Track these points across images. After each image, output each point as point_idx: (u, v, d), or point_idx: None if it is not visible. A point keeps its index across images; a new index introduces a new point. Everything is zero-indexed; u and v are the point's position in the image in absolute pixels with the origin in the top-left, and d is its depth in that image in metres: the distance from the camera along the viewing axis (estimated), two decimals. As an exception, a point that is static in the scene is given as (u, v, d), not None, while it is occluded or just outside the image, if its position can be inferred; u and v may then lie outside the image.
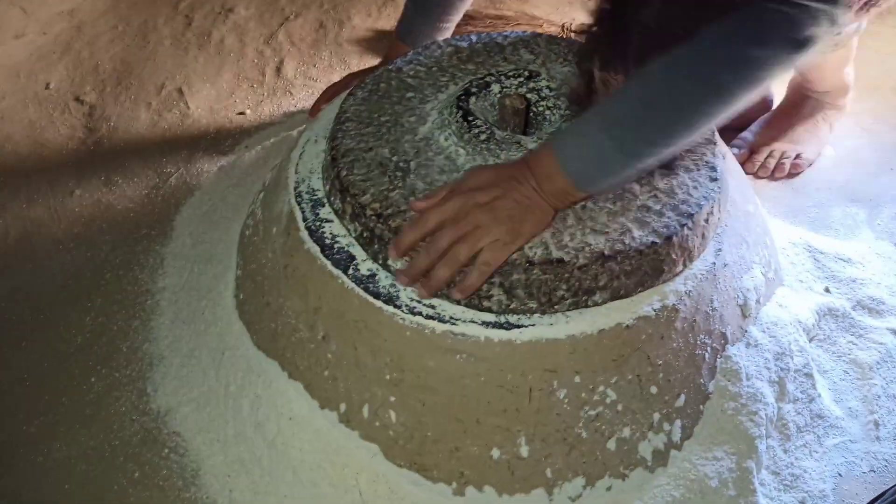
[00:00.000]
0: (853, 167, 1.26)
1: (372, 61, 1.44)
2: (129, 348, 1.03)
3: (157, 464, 0.89)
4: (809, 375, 0.90)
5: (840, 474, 0.86)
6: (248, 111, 1.46)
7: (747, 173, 1.18)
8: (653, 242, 0.79)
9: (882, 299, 1.02)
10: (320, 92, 1.23)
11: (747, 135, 1.27)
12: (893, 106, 1.38)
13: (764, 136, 1.25)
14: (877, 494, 0.70)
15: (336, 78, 1.35)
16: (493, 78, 0.97)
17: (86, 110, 1.48)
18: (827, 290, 1.02)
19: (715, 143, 0.91)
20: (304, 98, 1.49)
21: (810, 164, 1.25)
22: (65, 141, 1.41)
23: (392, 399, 0.83)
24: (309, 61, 1.58)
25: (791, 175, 1.24)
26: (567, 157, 0.75)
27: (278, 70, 1.55)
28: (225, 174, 1.33)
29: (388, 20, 1.66)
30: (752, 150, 1.25)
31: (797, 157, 1.23)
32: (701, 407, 0.84)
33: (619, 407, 0.81)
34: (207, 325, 1.02)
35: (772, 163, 1.23)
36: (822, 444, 0.87)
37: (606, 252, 0.78)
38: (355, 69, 1.46)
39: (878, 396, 0.92)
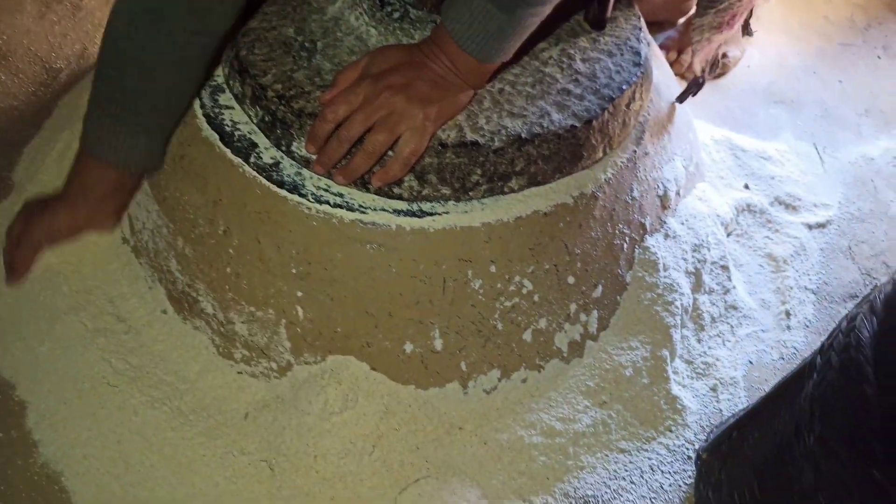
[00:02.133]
0: (778, 70, 1.26)
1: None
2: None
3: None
4: (725, 268, 0.90)
5: (751, 362, 0.87)
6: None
7: (676, 74, 1.15)
8: (572, 126, 0.75)
9: (798, 195, 1.03)
10: None
11: (673, 33, 1.24)
12: (820, 12, 1.37)
13: (689, 37, 1.22)
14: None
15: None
16: (409, -45, 0.90)
17: (-38, 0, 1.32)
18: (746, 186, 1.02)
19: (640, 29, 0.87)
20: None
21: (736, 63, 1.23)
22: (-63, 33, 1.26)
23: (299, 294, 0.78)
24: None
25: (718, 75, 1.22)
26: (458, 29, 0.70)
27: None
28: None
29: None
30: (679, 51, 1.22)
31: (723, 56, 1.21)
32: (618, 297, 0.83)
33: (536, 297, 0.79)
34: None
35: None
36: (735, 334, 0.88)
37: (523, 135, 0.74)
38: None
39: (791, 288, 0.94)
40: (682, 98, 0.90)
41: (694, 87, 0.89)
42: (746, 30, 1.03)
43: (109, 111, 0.79)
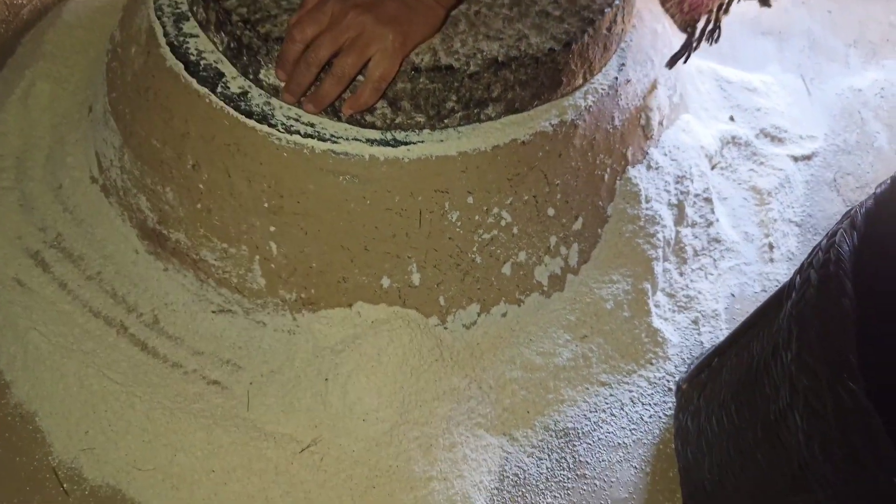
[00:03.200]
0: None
1: None
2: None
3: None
4: (709, 200, 0.88)
5: (733, 295, 0.86)
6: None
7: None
8: (550, 49, 0.72)
9: (784, 127, 1.01)
10: None
11: None
12: (811, -58, 1.33)
13: None
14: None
15: None
16: None
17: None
18: (731, 118, 1.00)
19: (623, -50, 0.83)
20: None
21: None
22: None
23: (272, 229, 0.76)
24: None
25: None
26: None
27: None
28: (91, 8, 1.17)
29: None
30: None
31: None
32: (599, 230, 0.82)
33: (515, 230, 0.77)
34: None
35: (684, -7, 1.16)
36: (718, 267, 0.87)
37: (500, 59, 0.71)
38: None
39: (775, 220, 0.92)
40: (671, 62, 0.85)
41: (684, 50, 0.84)
42: (763, 1, 0.97)
43: None
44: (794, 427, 0.47)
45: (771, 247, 0.90)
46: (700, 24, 0.89)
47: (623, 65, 0.81)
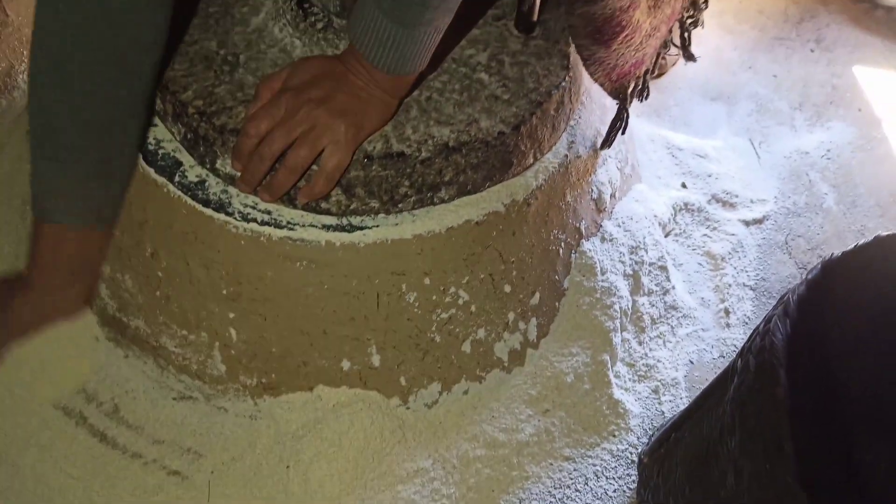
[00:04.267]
0: (714, 66, 1.27)
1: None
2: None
3: None
4: (664, 268, 0.90)
5: (692, 362, 0.88)
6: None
7: None
8: (500, 132, 0.75)
9: (735, 192, 1.04)
10: None
11: None
12: (755, 5, 1.39)
13: None
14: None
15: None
16: (334, -36, 0.88)
17: None
18: (684, 185, 1.03)
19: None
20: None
21: (674, 64, 1.24)
22: None
23: (231, 315, 0.76)
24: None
25: (658, 76, 1.22)
26: (364, 45, 0.68)
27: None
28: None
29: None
30: None
31: (661, 57, 1.21)
32: (556, 303, 0.83)
33: (473, 308, 0.78)
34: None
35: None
36: (676, 334, 0.89)
37: (451, 144, 0.73)
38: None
39: (729, 285, 0.94)
40: (608, 140, 0.87)
41: (618, 121, 0.86)
42: (689, 57, 1.00)
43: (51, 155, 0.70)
44: None
45: (727, 312, 0.92)
46: (630, 89, 0.92)
47: (573, 142, 0.84)
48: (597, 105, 0.90)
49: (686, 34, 0.94)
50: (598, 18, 0.78)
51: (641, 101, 0.91)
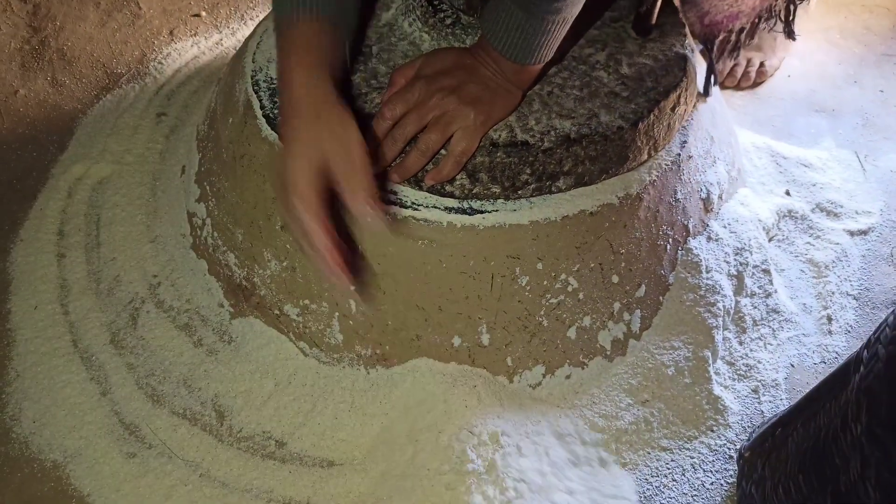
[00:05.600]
0: (818, 79, 1.26)
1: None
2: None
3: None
4: (767, 272, 0.91)
5: (793, 365, 0.88)
6: (203, 13, 1.40)
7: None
8: (619, 127, 0.78)
9: (840, 203, 1.03)
10: None
11: None
12: (861, 22, 1.38)
13: None
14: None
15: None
16: (460, -36, 0.93)
17: (29, 9, 1.39)
18: (787, 192, 1.03)
19: (685, 36, 0.89)
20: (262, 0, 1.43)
21: (775, 72, 1.24)
22: (6, 40, 1.33)
23: (352, 288, 0.81)
24: (270, -37, 1.50)
25: (756, 84, 1.23)
26: (494, 35, 0.72)
27: (237, -29, 1.48)
28: (183, 76, 1.28)
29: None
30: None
31: (761, 65, 1.22)
32: (661, 297, 0.85)
33: (581, 295, 0.81)
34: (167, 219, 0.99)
35: (738, 71, 1.22)
36: (777, 337, 0.89)
37: (572, 136, 0.76)
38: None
39: (832, 293, 0.94)
40: (705, 90, 0.89)
41: (709, 73, 0.89)
42: (789, 33, 1.01)
43: None
44: (865, 498, 0.49)
45: (829, 319, 0.92)
46: (719, 39, 0.93)
47: (685, 142, 0.86)
48: (707, 108, 0.92)
49: (791, 6, 0.95)
50: None
51: (731, 59, 0.93)
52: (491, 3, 0.74)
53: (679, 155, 0.84)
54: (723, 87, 1.22)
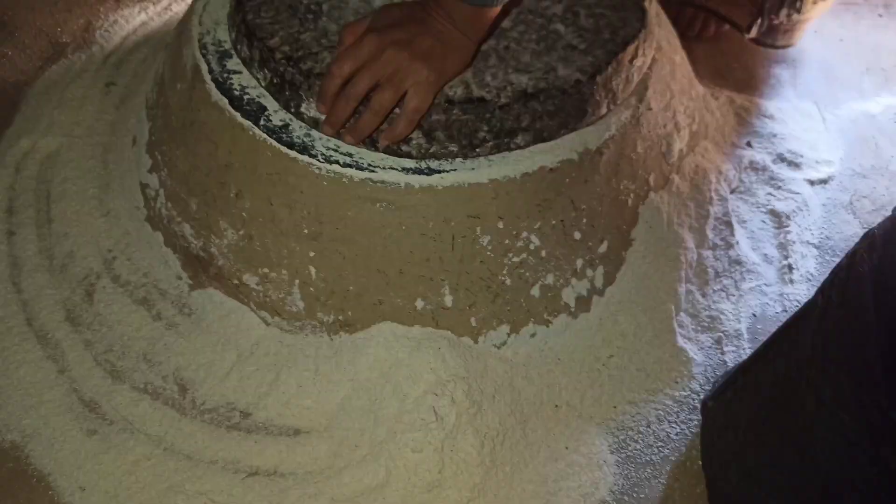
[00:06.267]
0: (779, 31, 1.26)
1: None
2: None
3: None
4: (729, 224, 0.91)
5: (755, 315, 0.89)
6: (152, -23, 1.34)
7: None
8: (577, 81, 0.76)
9: (801, 152, 1.04)
10: None
11: None
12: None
13: None
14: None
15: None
16: (411, -82, 0.90)
17: (-35, -23, 1.33)
18: (749, 144, 1.03)
19: (642, -13, 0.87)
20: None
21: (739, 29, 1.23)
22: (-58, 10, 1.27)
23: (311, 254, 0.80)
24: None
25: (717, 36, 1.22)
26: None
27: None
28: (131, 44, 1.23)
29: None
30: (679, 10, 1.21)
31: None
32: (623, 253, 0.85)
33: (543, 253, 0.80)
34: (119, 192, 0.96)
35: (698, 24, 1.20)
36: (739, 288, 0.90)
37: (529, 90, 0.75)
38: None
39: (793, 242, 0.95)
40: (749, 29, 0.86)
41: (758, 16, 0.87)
42: None
43: None
44: (821, 438, 0.50)
45: (790, 268, 0.93)
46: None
47: (645, 94, 0.85)
48: (667, 60, 0.91)
49: None
50: None
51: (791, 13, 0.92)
52: None
53: (638, 108, 0.83)
54: (683, 37, 1.20)
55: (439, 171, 0.76)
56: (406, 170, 0.76)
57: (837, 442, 0.48)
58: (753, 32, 1.08)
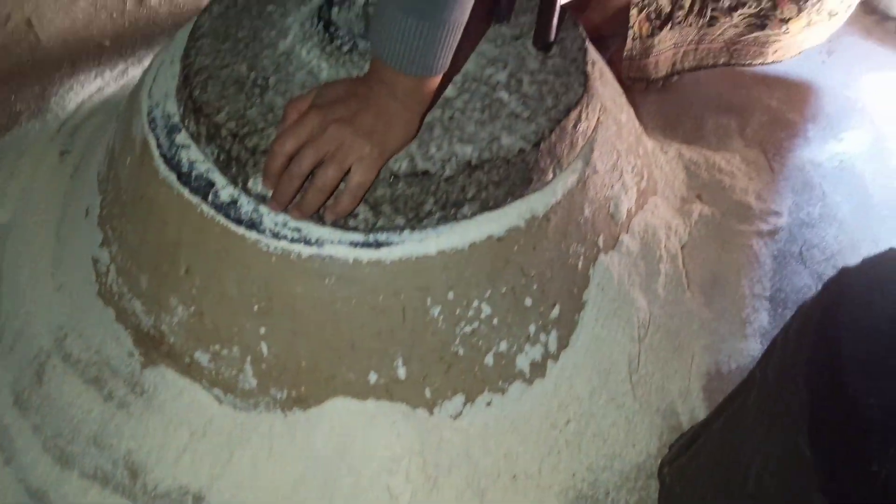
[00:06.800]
0: (727, 79, 1.29)
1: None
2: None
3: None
4: (680, 281, 0.92)
5: (709, 373, 0.89)
6: (107, 42, 1.34)
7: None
8: (521, 150, 0.77)
9: (749, 204, 1.06)
10: (190, 20, 1.11)
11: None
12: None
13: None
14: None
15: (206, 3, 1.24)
16: (358, -14, 0.91)
17: (-84, 44, 1.32)
18: (699, 197, 1.05)
19: (586, 49, 0.89)
20: (169, 28, 1.38)
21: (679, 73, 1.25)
22: None
23: (262, 330, 0.79)
24: (175, -14, 1.46)
25: (665, 86, 1.24)
26: (382, 47, 0.70)
27: (140, -3, 1.43)
28: (87, 110, 1.23)
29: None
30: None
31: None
32: (576, 316, 0.85)
33: (495, 321, 0.80)
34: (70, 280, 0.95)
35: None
36: (692, 346, 0.90)
37: (473, 162, 0.76)
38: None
39: (745, 296, 0.96)
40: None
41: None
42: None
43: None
44: (765, 493, 0.49)
45: (744, 323, 0.94)
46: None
47: (590, 157, 0.86)
48: (613, 120, 0.92)
49: None
50: None
51: (698, 19, 0.95)
52: (375, 14, 0.72)
53: (584, 172, 0.84)
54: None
55: (387, 244, 0.76)
56: (354, 244, 0.76)
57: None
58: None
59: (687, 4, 1.06)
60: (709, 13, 1.06)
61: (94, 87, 1.27)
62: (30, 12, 1.37)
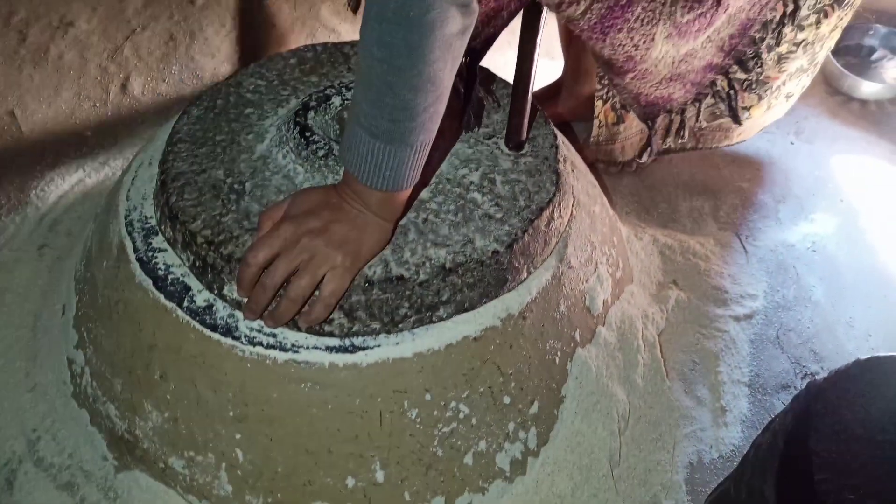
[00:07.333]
0: (699, 161, 1.32)
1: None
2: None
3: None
4: (659, 369, 0.92)
5: (692, 463, 0.89)
6: (89, 132, 1.36)
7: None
8: (494, 251, 0.78)
9: (725, 288, 1.07)
10: (169, 108, 1.14)
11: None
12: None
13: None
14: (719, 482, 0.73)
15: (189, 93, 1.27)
16: (333, 90, 0.94)
17: None
18: (675, 282, 1.06)
19: (557, 147, 0.91)
20: (152, 117, 1.40)
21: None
22: None
23: (238, 436, 0.78)
24: (158, 76, 1.49)
25: (639, 170, 1.27)
26: (352, 165, 0.72)
27: (124, 87, 1.46)
28: (67, 203, 1.24)
29: (245, 30, 1.60)
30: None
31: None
32: (555, 411, 0.85)
33: (474, 421, 0.80)
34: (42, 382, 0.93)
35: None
36: (674, 435, 0.90)
37: (447, 265, 0.77)
38: (208, 83, 1.39)
39: (724, 383, 0.96)
40: (641, 154, 0.90)
41: (649, 144, 0.92)
42: (734, 117, 1.05)
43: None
44: None
45: (723, 410, 0.94)
46: (659, 119, 0.98)
47: (564, 253, 0.87)
48: (586, 213, 0.94)
49: (732, 91, 0.99)
50: (603, 56, 0.92)
51: (677, 141, 0.99)
52: (344, 135, 0.74)
53: (559, 268, 0.86)
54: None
55: (363, 348, 0.76)
56: (330, 349, 0.76)
57: None
58: (645, 158, 1.13)
59: None
60: None
61: (75, 178, 1.28)
62: (13, 104, 1.39)
